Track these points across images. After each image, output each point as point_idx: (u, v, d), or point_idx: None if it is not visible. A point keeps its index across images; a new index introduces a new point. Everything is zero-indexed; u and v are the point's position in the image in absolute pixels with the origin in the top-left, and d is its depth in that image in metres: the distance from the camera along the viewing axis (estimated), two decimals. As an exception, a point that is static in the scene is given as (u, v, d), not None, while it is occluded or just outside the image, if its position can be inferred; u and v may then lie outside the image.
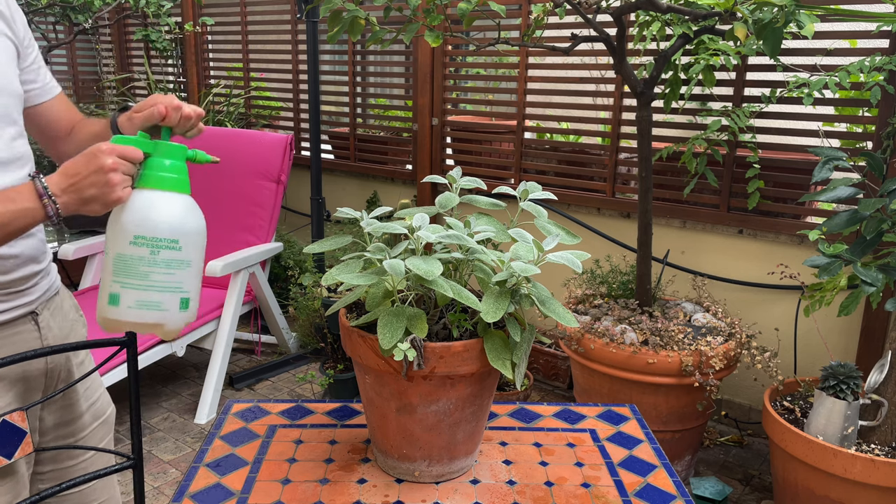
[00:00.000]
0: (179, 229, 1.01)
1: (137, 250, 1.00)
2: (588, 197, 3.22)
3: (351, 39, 3.63)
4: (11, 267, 1.13)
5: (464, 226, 1.20)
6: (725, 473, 2.66)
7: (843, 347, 2.70)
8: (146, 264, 1.00)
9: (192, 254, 1.03)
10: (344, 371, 2.96)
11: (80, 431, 1.28)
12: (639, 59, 2.91)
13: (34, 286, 1.18)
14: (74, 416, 1.27)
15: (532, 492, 1.17)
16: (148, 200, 1.01)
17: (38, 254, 1.19)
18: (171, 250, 1.01)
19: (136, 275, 1.01)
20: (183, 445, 2.78)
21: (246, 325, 3.78)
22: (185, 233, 1.02)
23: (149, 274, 1.01)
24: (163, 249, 1.00)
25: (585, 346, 2.45)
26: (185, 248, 1.02)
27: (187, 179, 1.04)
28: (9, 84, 1.12)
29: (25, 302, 1.16)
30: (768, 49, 1.82)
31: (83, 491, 1.31)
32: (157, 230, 1.00)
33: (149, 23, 4.62)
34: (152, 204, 1.01)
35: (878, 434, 2.11)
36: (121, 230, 1.01)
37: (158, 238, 1.00)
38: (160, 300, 1.02)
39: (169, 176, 1.02)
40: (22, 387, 1.16)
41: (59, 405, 1.25)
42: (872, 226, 1.79)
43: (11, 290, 1.13)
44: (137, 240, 1.00)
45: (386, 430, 1.16)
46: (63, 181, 1.00)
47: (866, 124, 2.61)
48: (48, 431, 1.24)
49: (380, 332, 1.05)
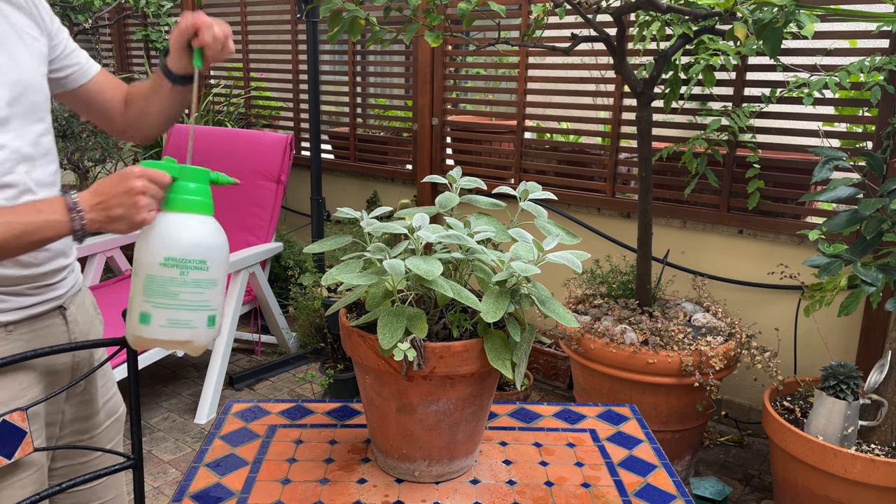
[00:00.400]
0: (207, 251, 1.05)
1: (168, 272, 1.03)
2: (588, 197, 3.22)
3: (351, 39, 3.63)
4: (44, 259, 1.16)
5: (464, 226, 1.20)
6: (725, 473, 2.66)
7: (843, 347, 2.70)
8: (176, 285, 1.04)
9: (218, 273, 1.07)
10: (344, 371, 2.97)
11: (95, 428, 1.31)
12: (639, 59, 2.91)
13: (62, 280, 1.21)
14: (92, 411, 1.30)
15: (532, 492, 1.17)
16: (177, 223, 1.05)
17: (66, 248, 1.22)
18: (200, 270, 1.04)
19: (167, 294, 1.04)
20: (183, 445, 2.78)
21: (246, 325, 3.78)
22: (212, 253, 1.05)
23: (178, 294, 1.04)
24: (192, 270, 1.04)
25: (585, 346, 2.45)
26: (212, 268, 1.05)
27: (211, 202, 1.08)
28: (36, 83, 1.15)
29: (55, 296, 1.20)
30: (768, 49, 1.82)
31: (93, 488, 1.34)
32: (186, 252, 1.03)
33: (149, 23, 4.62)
34: (181, 226, 1.05)
35: (878, 434, 2.11)
36: (151, 252, 1.04)
37: (188, 259, 1.03)
38: (189, 318, 1.06)
39: (195, 199, 1.06)
40: (49, 380, 1.19)
41: (79, 399, 1.28)
42: (872, 226, 1.79)
43: (42, 284, 1.17)
44: (168, 261, 1.03)
45: (386, 430, 1.16)
46: (92, 198, 1.03)
47: (866, 124, 2.61)
48: (66, 425, 1.27)
49: (380, 333, 1.05)
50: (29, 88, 1.13)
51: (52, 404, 1.21)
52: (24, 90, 1.11)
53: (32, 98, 1.13)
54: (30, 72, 1.14)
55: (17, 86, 1.10)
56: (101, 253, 3.41)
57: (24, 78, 1.12)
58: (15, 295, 1.13)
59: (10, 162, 1.09)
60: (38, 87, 1.16)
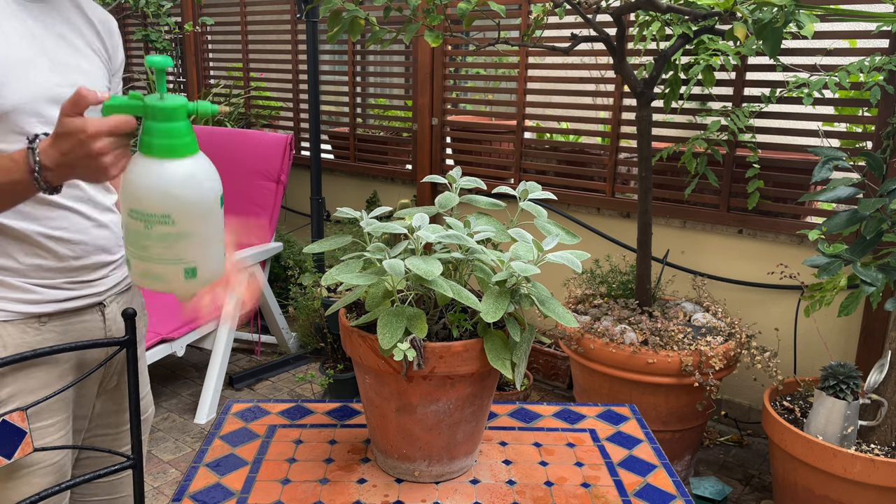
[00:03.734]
0: (170, 203, 0.93)
1: (134, 223, 0.95)
2: (588, 197, 3.22)
3: (351, 39, 3.63)
4: (81, 253, 1.16)
5: (463, 226, 1.20)
6: (725, 473, 2.66)
7: (843, 347, 2.70)
8: (143, 238, 0.95)
9: (192, 225, 0.96)
10: (344, 371, 2.96)
11: (122, 424, 1.34)
12: (639, 59, 2.91)
13: (104, 278, 1.22)
14: (121, 408, 1.32)
15: (532, 492, 1.17)
16: (140, 171, 0.93)
17: (109, 244, 1.22)
18: (164, 225, 0.93)
19: (139, 246, 0.96)
20: (183, 445, 2.78)
21: (246, 325, 3.78)
22: (179, 206, 0.93)
23: (148, 247, 0.95)
24: (155, 225, 0.93)
25: (585, 346, 2.45)
26: (181, 222, 0.94)
27: (187, 140, 0.94)
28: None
29: (93, 292, 1.20)
30: (768, 49, 1.82)
31: (112, 482, 1.37)
32: (146, 205, 0.93)
33: (149, 23, 4.62)
34: (142, 175, 0.93)
35: (877, 434, 2.11)
36: (122, 200, 0.96)
37: (148, 213, 0.93)
38: (162, 272, 0.98)
39: (160, 142, 0.92)
40: (80, 373, 1.20)
41: (110, 395, 1.30)
42: (872, 226, 1.79)
43: (80, 280, 1.17)
44: (132, 213, 0.94)
45: (386, 430, 1.16)
46: (55, 155, 0.95)
47: (866, 124, 2.61)
48: (95, 419, 1.29)
49: (379, 333, 1.05)
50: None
51: (84, 397, 1.23)
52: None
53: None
54: (95, 81, 1.18)
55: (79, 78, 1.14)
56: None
57: (88, 84, 1.14)
58: (50, 288, 1.14)
59: None
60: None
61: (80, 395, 1.22)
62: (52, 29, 1.14)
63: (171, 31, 4.50)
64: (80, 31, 1.19)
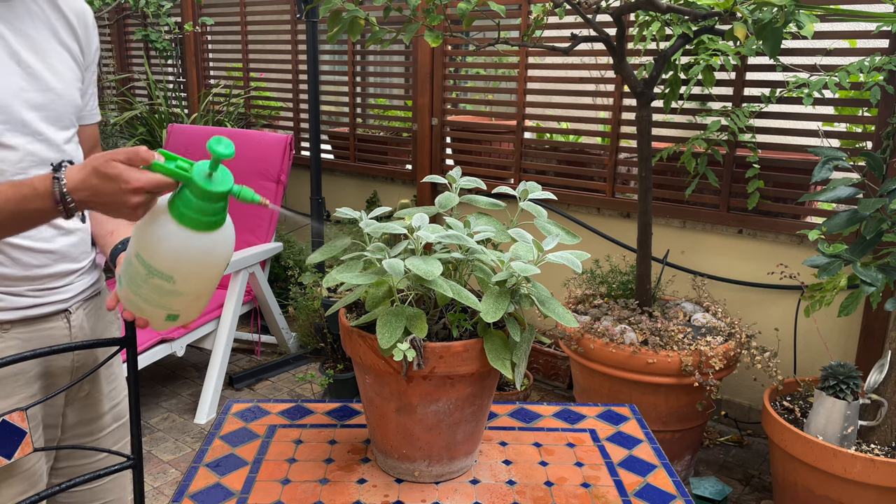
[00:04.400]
0: (179, 267, 0.96)
1: (137, 265, 0.97)
2: (588, 197, 3.22)
3: (351, 39, 3.63)
4: (46, 261, 1.14)
5: (463, 226, 1.19)
6: (725, 473, 2.66)
7: (843, 347, 2.70)
8: (140, 279, 0.98)
9: (190, 287, 0.99)
10: (344, 371, 2.96)
11: (99, 431, 1.30)
12: (639, 59, 2.91)
13: (69, 285, 1.20)
14: (96, 415, 1.29)
15: (532, 492, 1.17)
16: (161, 231, 0.94)
17: (75, 252, 1.20)
18: (164, 281, 0.96)
19: (132, 281, 0.99)
20: (183, 445, 2.78)
21: (246, 325, 3.78)
22: (185, 271, 0.96)
23: (140, 286, 0.99)
24: (155, 277, 0.96)
25: (585, 346, 2.45)
26: (180, 284, 0.97)
27: (218, 217, 0.94)
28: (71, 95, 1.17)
29: (58, 300, 1.18)
30: (768, 49, 1.82)
31: (93, 489, 1.33)
32: (156, 261, 0.95)
33: (148, 23, 4.62)
34: (162, 236, 0.94)
35: (877, 434, 2.11)
36: (134, 236, 0.98)
37: (154, 268, 0.96)
38: (145, 308, 1.03)
39: (192, 216, 0.92)
40: (45, 382, 1.18)
41: (82, 403, 1.26)
42: (872, 226, 1.79)
43: (45, 287, 1.15)
44: (138, 257, 0.97)
45: (386, 430, 1.16)
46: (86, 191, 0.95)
47: (866, 124, 2.61)
48: (69, 428, 1.26)
49: (379, 333, 1.05)
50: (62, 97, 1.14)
51: (50, 406, 1.20)
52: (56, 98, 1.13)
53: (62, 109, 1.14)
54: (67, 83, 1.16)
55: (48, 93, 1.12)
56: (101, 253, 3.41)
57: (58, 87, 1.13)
58: (13, 295, 1.12)
59: (25, 163, 1.09)
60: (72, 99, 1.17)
61: (46, 403, 1.19)
62: (20, 30, 1.10)
63: (171, 31, 4.50)
64: (51, 27, 1.15)
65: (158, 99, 4.51)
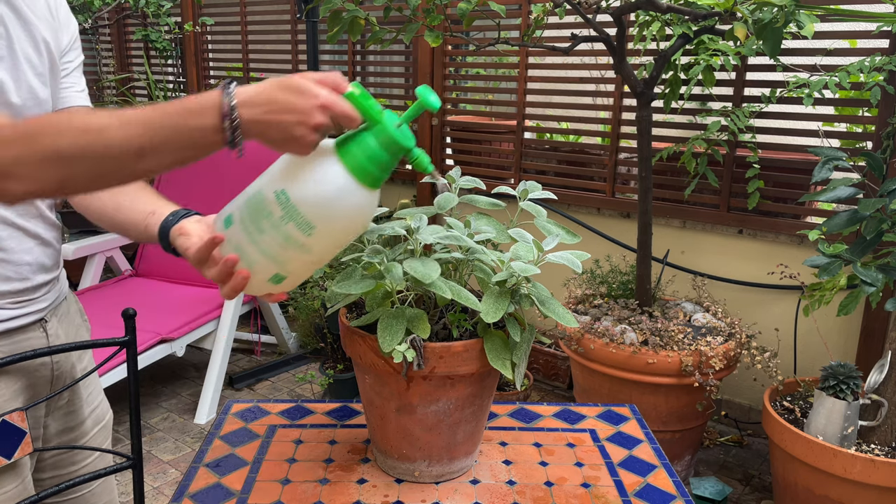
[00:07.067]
0: (326, 219, 0.84)
1: (272, 204, 0.84)
2: (588, 197, 3.22)
3: (351, 39, 3.63)
4: (26, 273, 1.10)
5: (464, 226, 1.19)
6: (725, 473, 2.66)
7: (843, 347, 2.70)
8: (270, 222, 0.85)
9: (320, 246, 0.87)
10: (344, 371, 2.96)
11: (82, 437, 1.28)
12: (639, 59, 2.91)
13: (45, 295, 1.16)
14: (78, 421, 1.26)
15: (532, 492, 1.17)
16: (324, 171, 0.83)
17: (51, 262, 1.17)
18: (300, 231, 0.84)
19: (254, 221, 0.86)
20: (183, 445, 2.78)
21: (246, 325, 3.78)
22: (329, 227, 0.85)
23: (265, 232, 0.85)
24: (292, 223, 0.84)
25: (585, 346, 2.45)
26: (316, 238, 0.85)
27: (383, 176, 0.86)
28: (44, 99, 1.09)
29: (36, 309, 1.14)
30: (768, 49, 1.82)
31: (83, 495, 1.30)
32: (302, 204, 0.83)
33: (149, 23, 4.62)
34: (322, 178, 0.83)
35: (877, 434, 2.11)
36: (277, 173, 0.86)
37: (298, 212, 0.83)
38: (255, 260, 0.88)
39: (365, 164, 0.83)
40: (28, 394, 1.16)
41: (63, 411, 1.24)
42: (872, 226, 1.79)
43: (23, 298, 1.12)
44: (280, 196, 0.83)
45: (386, 431, 1.16)
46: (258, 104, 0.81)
47: (866, 124, 2.61)
48: (52, 438, 1.23)
49: (380, 335, 1.05)
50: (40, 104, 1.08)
51: (32, 419, 1.17)
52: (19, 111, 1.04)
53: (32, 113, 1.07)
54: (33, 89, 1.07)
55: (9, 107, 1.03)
56: (101, 253, 3.41)
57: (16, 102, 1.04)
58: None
59: None
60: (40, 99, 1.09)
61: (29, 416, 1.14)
62: None
63: (171, 31, 4.50)
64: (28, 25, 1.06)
65: (158, 99, 4.51)
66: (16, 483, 1.12)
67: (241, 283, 0.90)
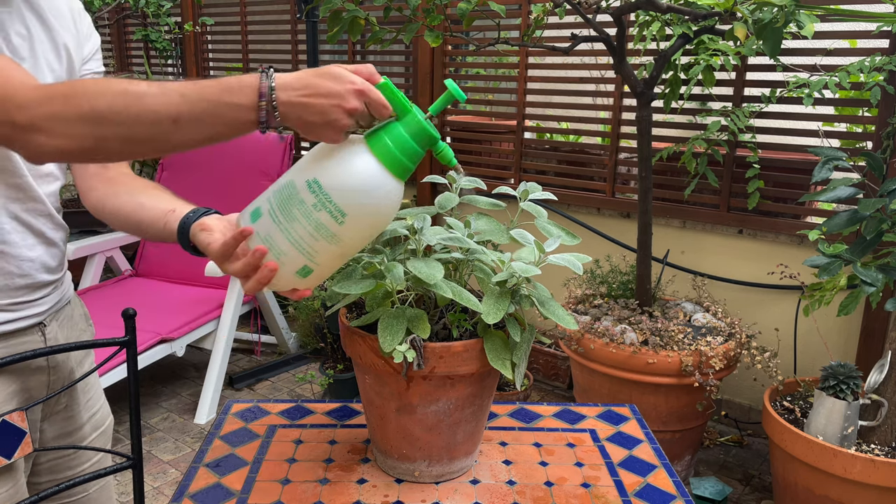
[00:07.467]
0: (357, 207, 0.86)
1: (304, 192, 0.86)
2: (588, 197, 3.22)
3: (351, 39, 3.63)
4: (28, 270, 1.10)
5: (464, 226, 1.19)
6: (725, 473, 2.66)
7: (843, 347, 2.70)
8: (303, 210, 0.86)
9: (350, 236, 0.88)
10: (344, 371, 2.96)
11: (80, 442, 1.27)
12: (639, 59, 2.91)
13: (45, 297, 1.16)
14: (75, 427, 1.26)
15: (532, 492, 1.17)
16: (354, 160, 0.86)
17: (55, 263, 1.16)
18: (332, 218, 0.86)
19: (285, 210, 0.87)
20: (182, 445, 2.78)
21: (246, 325, 3.78)
22: (359, 213, 0.86)
23: (297, 220, 0.86)
24: (324, 211, 0.85)
25: (585, 346, 2.45)
26: (347, 227, 0.86)
27: (412, 167, 0.89)
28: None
29: (34, 313, 1.14)
30: (768, 49, 1.82)
31: (80, 499, 1.29)
32: (335, 191, 0.85)
33: (148, 23, 4.62)
34: (355, 167, 0.86)
35: (878, 434, 2.11)
36: (310, 162, 0.88)
37: (331, 198, 0.85)
38: (284, 251, 0.88)
39: (396, 153, 0.87)
40: (23, 397, 1.15)
41: (60, 416, 1.23)
42: (872, 226, 1.79)
43: (21, 300, 1.11)
44: (312, 185, 0.85)
45: (386, 431, 1.16)
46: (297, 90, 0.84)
47: (866, 124, 2.61)
48: (48, 443, 1.22)
49: (381, 336, 1.05)
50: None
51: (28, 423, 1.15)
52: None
53: None
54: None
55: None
56: (101, 253, 3.41)
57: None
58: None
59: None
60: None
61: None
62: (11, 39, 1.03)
63: (171, 31, 4.50)
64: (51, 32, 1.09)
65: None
66: (9, 486, 1.11)
67: (269, 275, 0.90)
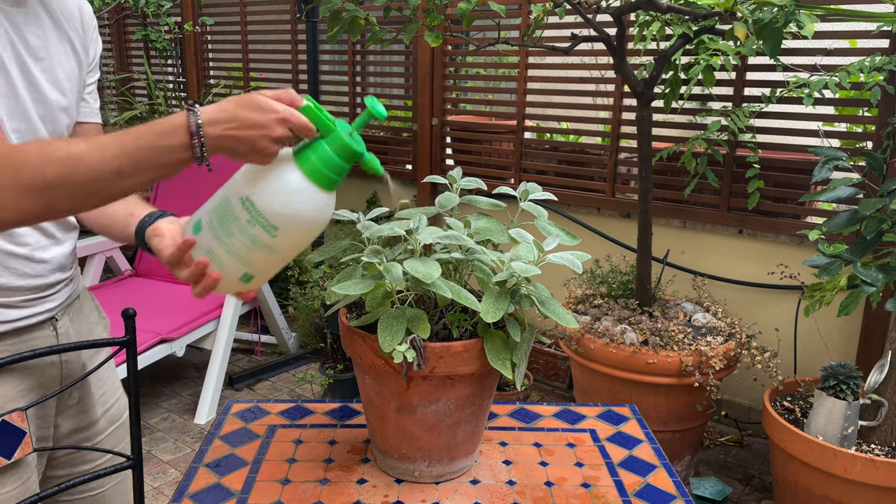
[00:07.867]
0: (288, 221, 0.91)
1: (239, 209, 0.91)
2: (588, 197, 3.22)
3: (351, 39, 3.63)
4: (41, 271, 1.12)
5: (464, 226, 1.19)
6: (725, 473, 2.66)
7: (843, 347, 2.70)
8: (235, 225, 0.92)
9: (284, 246, 0.94)
10: (344, 371, 2.96)
11: (95, 437, 1.27)
12: (639, 59, 2.91)
13: (57, 293, 1.17)
14: (90, 421, 1.26)
15: (532, 492, 1.17)
16: (285, 178, 0.90)
17: (67, 262, 1.18)
18: (266, 232, 0.91)
19: (223, 225, 0.93)
20: (182, 445, 2.78)
21: (246, 325, 3.78)
22: (291, 227, 0.92)
23: (231, 234, 0.92)
24: (258, 227, 0.91)
25: (585, 346, 2.45)
26: (280, 239, 0.92)
27: (339, 179, 0.94)
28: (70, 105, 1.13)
29: (47, 308, 1.15)
30: (768, 49, 1.82)
31: (95, 496, 1.30)
32: (266, 209, 0.90)
33: (148, 23, 4.62)
34: (282, 183, 0.90)
35: (878, 434, 2.11)
36: (242, 180, 0.92)
37: (262, 215, 0.90)
38: (224, 262, 0.95)
39: (322, 169, 0.91)
40: (37, 393, 1.15)
41: (74, 411, 1.23)
42: (872, 226, 1.79)
43: (34, 297, 1.12)
44: (245, 202, 0.91)
45: (386, 431, 1.16)
46: (223, 122, 0.88)
47: (866, 124, 2.61)
48: (63, 438, 1.23)
49: (381, 336, 1.05)
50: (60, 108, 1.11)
51: (41, 418, 1.17)
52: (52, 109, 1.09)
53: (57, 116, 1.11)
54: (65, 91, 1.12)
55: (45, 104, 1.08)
56: (101, 253, 3.41)
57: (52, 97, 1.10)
58: (4, 307, 1.09)
59: None
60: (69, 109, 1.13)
61: (38, 416, 1.16)
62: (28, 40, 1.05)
63: (171, 31, 4.50)
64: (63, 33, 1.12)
65: (158, 99, 4.51)
66: (17, 483, 1.12)
67: (212, 283, 0.97)
